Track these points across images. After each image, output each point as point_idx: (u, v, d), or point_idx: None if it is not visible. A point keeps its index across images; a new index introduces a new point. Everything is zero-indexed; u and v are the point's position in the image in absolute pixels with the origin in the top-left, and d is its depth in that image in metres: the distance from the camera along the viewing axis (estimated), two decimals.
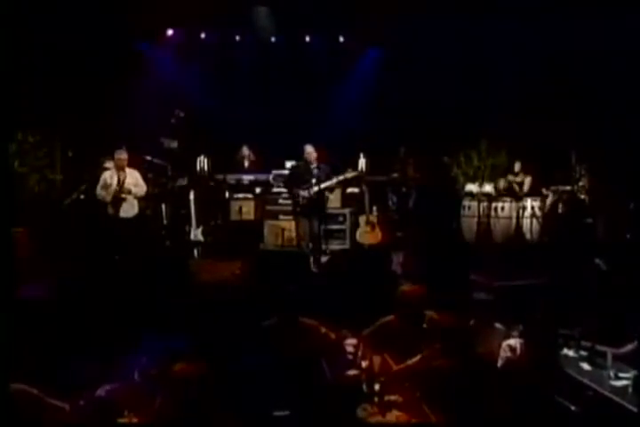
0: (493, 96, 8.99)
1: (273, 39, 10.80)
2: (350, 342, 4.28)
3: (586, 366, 3.84)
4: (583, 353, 4.10)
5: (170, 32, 10.49)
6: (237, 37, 10.80)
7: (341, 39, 10.88)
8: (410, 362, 3.54)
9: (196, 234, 8.00)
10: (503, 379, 3.51)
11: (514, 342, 3.80)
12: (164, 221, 8.19)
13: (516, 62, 8.88)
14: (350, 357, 3.95)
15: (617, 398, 3.38)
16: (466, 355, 3.38)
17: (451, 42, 9.19)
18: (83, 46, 8.94)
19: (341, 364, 3.90)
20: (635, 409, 3.25)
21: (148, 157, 8.39)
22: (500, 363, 3.72)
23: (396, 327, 4.19)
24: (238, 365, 3.56)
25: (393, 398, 3.28)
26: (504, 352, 3.76)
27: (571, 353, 4.10)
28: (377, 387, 3.36)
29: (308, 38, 10.88)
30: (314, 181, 7.05)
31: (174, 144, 9.00)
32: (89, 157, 8.32)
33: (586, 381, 3.61)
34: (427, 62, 9.56)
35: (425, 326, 3.59)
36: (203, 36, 10.65)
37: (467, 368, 3.32)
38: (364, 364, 3.65)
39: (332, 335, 4.33)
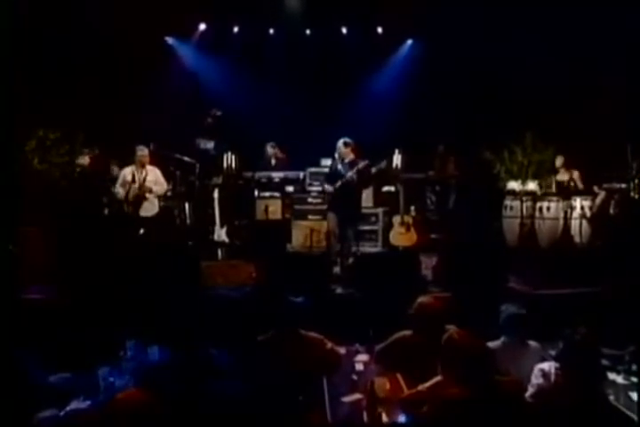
0: (540, 87, 8.30)
1: (308, 32, 10.42)
2: (360, 359, 3.82)
3: (637, 397, 3.23)
4: (634, 380, 3.49)
5: (202, 26, 10.23)
6: (271, 31, 10.46)
7: (380, 30, 10.40)
8: (421, 388, 3.02)
9: (220, 234, 7.68)
10: (532, 412, 2.93)
11: (547, 366, 3.20)
12: (188, 221, 7.88)
13: (562, 49, 8.17)
14: (356, 377, 3.47)
15: None
16: (488, 382, 2.82)
17: (493, 32, 8.55)
18: (111, 41, 8.77)
19: (346, 384, 3.43)
20: None
21: (177, 155, 8.11)
22: (529, 392, 3.13)
23: (413, 344, 3.69)
24: (221, 386, 3.12)
25: None
26: (535, 378, 3.16)
27: (619, 379, 3.49)
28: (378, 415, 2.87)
29: (344, 30, 10.43)
30: (339, 177, 6.59)
31: (210, 145, 8.74)
32: (115, 155, 8.12)
33: (636, 417, 3.00)
34: (468, 54, 8.96)
35: (442, 345, 3.03)
36: (235, 30, 10.35)
37: (488, 399, 2.76)
38: (369, 386, 3.16)
39: (341, 351, 3.87)
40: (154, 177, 7.12)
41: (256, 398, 3.09)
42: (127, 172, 7.09)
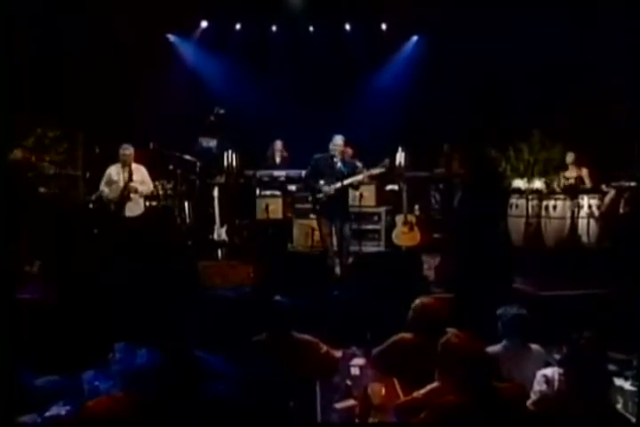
0: (547, 84, 8.13)
1: (311, 29, 10.31)
2: (356, 363, 3.68)
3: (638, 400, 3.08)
4: None
5: (204, 24, 10.13)
6: (274, 28, 10.34)
7: (384, 27, 10.26)
8: (416, 394, 2.88)
9: (220, 233, 7.56)
10: (534, 420, 2.78)
11: (551, 371, 3.05)
12: (188, 220, 7.77)
13: (572, 45, 8.00)
14: (350, 382, 3.33)
15: None
16: (487, 388, 2.68)
17: (499, 28, 8.39)
18: (112, 38, 8.69)
19: (340, 390, 3.29)
20: None
21: (178, 154, 8.01)
22: (531, 399, 2.98)
23: (412, 346, 3.56)
24: (211, 390, 2.99)
25: None
26: (538, 385, 3.01)
27: (627, 386, 3.33)
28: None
29: (347, 27, 10.30)
30: (338, 176, 6.36)
31: (213, 143, 8.62)
32: (113, 154, 8.03)
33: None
34: (474, 51, 8.80)
35: (439, 349, 2.89)
36: (237, 27, 10.24)
37: (487, 405, 2.62)
38: (363, 391, 3.03)
39: (336, 354, 3.73)
40: (140, 177, 6.91)
41: (246, 403, 2.97)
42: (112, 171, 6.90)
